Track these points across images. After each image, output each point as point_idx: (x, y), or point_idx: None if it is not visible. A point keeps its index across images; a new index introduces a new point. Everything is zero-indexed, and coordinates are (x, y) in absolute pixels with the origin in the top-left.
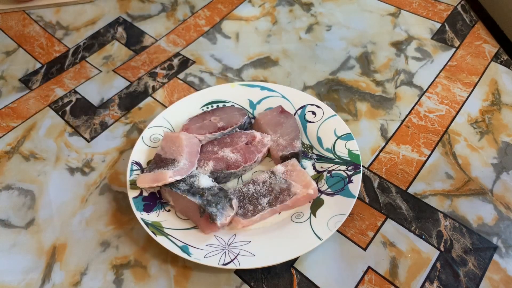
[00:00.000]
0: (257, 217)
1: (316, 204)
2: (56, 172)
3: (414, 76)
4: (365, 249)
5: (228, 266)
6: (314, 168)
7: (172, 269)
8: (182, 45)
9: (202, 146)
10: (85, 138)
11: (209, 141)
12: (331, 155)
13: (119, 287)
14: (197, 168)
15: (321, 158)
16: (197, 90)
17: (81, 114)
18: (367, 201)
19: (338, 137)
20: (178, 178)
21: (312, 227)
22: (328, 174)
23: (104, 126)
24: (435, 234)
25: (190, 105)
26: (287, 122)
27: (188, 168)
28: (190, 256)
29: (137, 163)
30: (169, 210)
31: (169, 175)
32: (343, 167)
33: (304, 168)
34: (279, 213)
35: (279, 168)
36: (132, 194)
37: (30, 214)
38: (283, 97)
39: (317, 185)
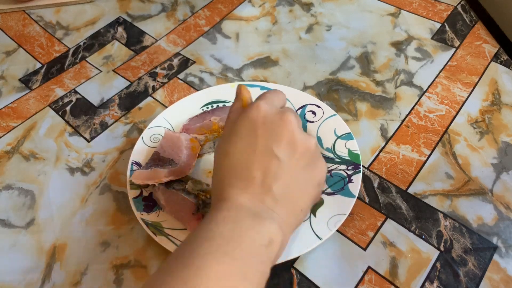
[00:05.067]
0: None
1: (316, 204)
2: (56, 172)
3: (414, 76)
4: (365, 249)
5: None
6: None
7: None
8: (182, 45)
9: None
10: (85, 138)
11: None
12: (331, 155)
13: (119, 287)
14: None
15: None
16: (197, 90)
17: (81, 114)
18: (367, 201)
19: (338, 137)
20: (173, 178)
21: (312, 227)
22: (328, 174)
23: (104, 126)
24: (435, 234)
25: (190, 105)
26: None
27: (184, 169)
28: None
29: (137, 163)
30: None
31: (164, 175)
32: (343, 167)
33: None
34: None
35: None
36: (132, 194)
37: (30, 214)
38: None
39: None
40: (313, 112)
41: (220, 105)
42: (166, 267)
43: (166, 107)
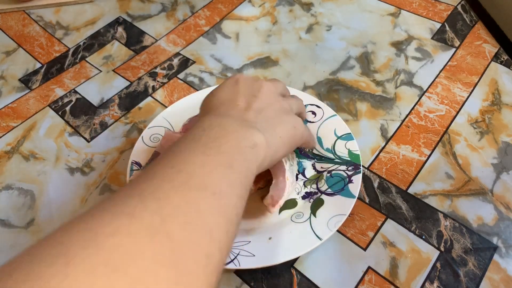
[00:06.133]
0: None
1: (316, 204)
2: (56, 172)
3: (414, 76)
4: (365, 249)
5: (228, 266)
6: (314, 168)
7: None
8: (182, 45)
9: None
10: (85, 138)
11: None
12: (331, 155)
13: None
14: None
15: (321, 158)
16: (197, 90)
17: (81, 114)
18: (367, 201)
19: (338, 137)
20: None
21: (312, 227)
22: (328, 174)
23: (104, 126)
24: (435, 234)
25: (190, 105)
26: None
27: None
28: None
29: (137, 163)
30: None
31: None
32: (343, 167)
33: (304, 168)
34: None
35: None
36: None
37: (30, 214)
38: None
39: (317, 185)
40: (313, 113)
41: None
42: (157, 160)
43: (166, 107)
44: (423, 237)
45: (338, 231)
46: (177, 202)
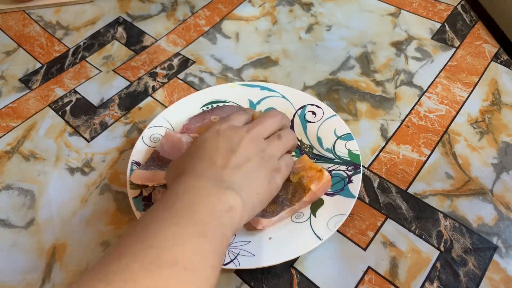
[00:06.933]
0: (278, 217)
1: (316, 204)
2: (56, 172)
3: (414, 76)
4: (365, 249)
5: (228, 266)
6: None
7: None
8: (182, 45)
9: None
10: (85, 138)
11: None
12: (331, 155)
13: None
14: None
15: (321, 158)
16: (197, 90)
17: (81, 114)
18: (367, 201)
19: (338, 137)
20: None
21: (312, 227)
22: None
23: (104, 126)
24: (435, 234)
25: (190, 105)
26: None
27: None
28: None
29: (137, 163)
30: None
31: (164, 176)
32: (343, 167)
33: None
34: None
35: None
36: (132, 194)
37: (30, 214)
38: (283, 97)
39: None
40: (313, 113)
41: (220, 104)
42: (128, 232)
43: (166, 107)
44: (423, 237)
45: (338, 231)
46: (146, 284)
